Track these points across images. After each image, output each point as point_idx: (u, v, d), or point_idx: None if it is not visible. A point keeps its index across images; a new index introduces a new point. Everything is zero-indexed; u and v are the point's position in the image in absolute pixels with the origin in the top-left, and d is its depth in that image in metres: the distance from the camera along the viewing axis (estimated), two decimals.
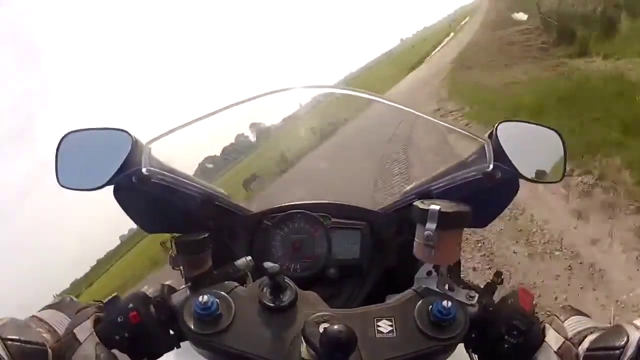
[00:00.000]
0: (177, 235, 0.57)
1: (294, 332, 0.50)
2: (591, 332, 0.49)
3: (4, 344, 0.44)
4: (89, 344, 0.50)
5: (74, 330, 0.51)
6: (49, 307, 0.55)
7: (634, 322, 0.46)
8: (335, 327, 0.46)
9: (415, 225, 0.56)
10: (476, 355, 0.56)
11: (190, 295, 0.54)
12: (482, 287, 0.56)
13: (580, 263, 2.85)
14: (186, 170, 0.74)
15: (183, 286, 0.57)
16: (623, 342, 0.44)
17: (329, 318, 0.50)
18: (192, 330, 0.51)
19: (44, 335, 0.49)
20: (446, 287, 0.55)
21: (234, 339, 0.50)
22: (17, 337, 0.45)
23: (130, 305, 0.53)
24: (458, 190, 0.68)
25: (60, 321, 0.53)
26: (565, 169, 0.74)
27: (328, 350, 0.45)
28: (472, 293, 0.55)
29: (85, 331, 0.51)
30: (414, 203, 0.57)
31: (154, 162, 0.64)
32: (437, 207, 0.54)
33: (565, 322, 0.52)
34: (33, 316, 0.52)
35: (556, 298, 2.60)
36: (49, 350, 0.47)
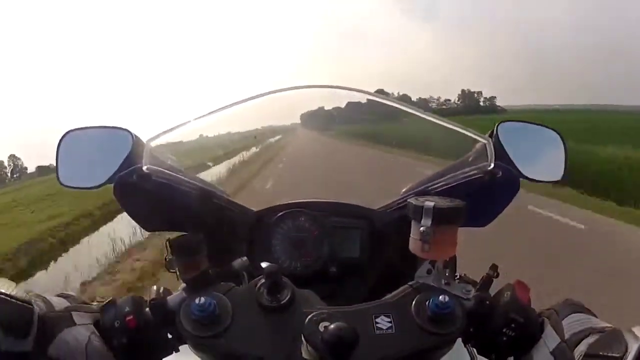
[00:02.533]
0: (171, 238, 0.56)
1: (293, 331, 0.50)
2: (589, 334, 0.49)
3: None
4: (84, 329, 0.48)
5: (72, 312, 0.49)
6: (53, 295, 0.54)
7: (633, 329, 0.45)
8: (337, 325, 0.46)
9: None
10: (474, 349, 0.56)
11: (187, 297, 0.53)
12: (478, 280, 0.56)
13: None
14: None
15: (179, 288, 0.56)
16: (621, 352, 0.43)
17: (328, 316, 0.49)
18: (190, 333, 0.50)
19: (39, 303, 0.47)
20: (442, 282, 0.55)
21: (233, 340, 0.50)
22: (4, 292, 0.43)
23: (127, 309, 0.52)
24: (458, 189, 0.67)
25: (60, 303, 0.51)
26: (566, 167, 0.74)
27: (330, 349, 0.45)
28: (469, 287, 0.55)
29: (84, 319, 0.49)
30: (409, 200, 0.57)
31: (155, 161, 0.64)
32: (431, 203, 0.54)
33: (564, 320, 0.52)
34: (34, 292, 0.50)
35: None
36: (36, 310, 0.45)
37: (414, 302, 0.53)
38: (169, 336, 0.54)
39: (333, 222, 0.81)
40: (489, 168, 0.64)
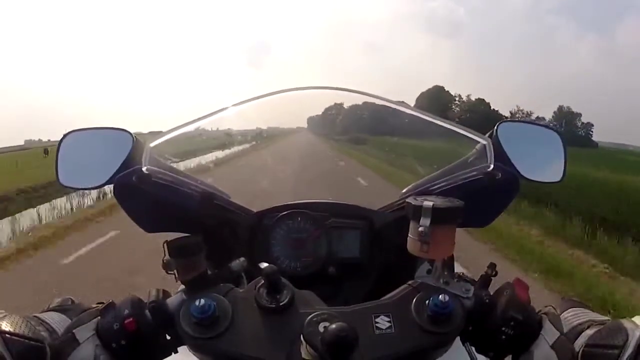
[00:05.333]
0: (169, 239, 0.56)
1: (293, 332, 0.50)
2: (588, 327, 0.49)
3: (3, 338, 0.43)
4: (88, 345, 0.49)
5: (74, 331, 0.50)
6: (50, 309, 0.55)
7: (634, 319, 0.45)
8: (337, 325, 0.46)
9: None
10: (473, 348, 0.56)
11: (186, 299, 0.53)
12: (476, 279, 0.56)
13: None
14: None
15: (178, 290, 0.56)
16: (622, 341, 0.44)
17: (328, 317, 0.49)
18: (190, 335, 0.50)
19: (43, 333, 0.48)
20: (441, 281, 0.55)
21: (233, 341, 0.50)
22: (15, 332, 0.44)
23: (126, 311, 0.51)
24: (458, 190, 0.68)
25: (60, 322, 0.52)
26: (565, 168, 0.74)
27: (330, 350, 0.45)
28: (468, 286, 0.55)
29: (85, 332, 0.50)
30: (407, 200, 0.57)
31: (155, 162, 0.64)
32: (430, 203, 0.54)
33: (562, 314, 0.52)
34: (33, 316, 0.51)
35: None
36: (47, 348, 0.46)
37: (413, 302, 0.53)
38: (168, 337, 0.54)
39: (333, 222, 0.81)
40: (489, 169, 0.65)
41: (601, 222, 7.29)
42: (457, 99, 67.48)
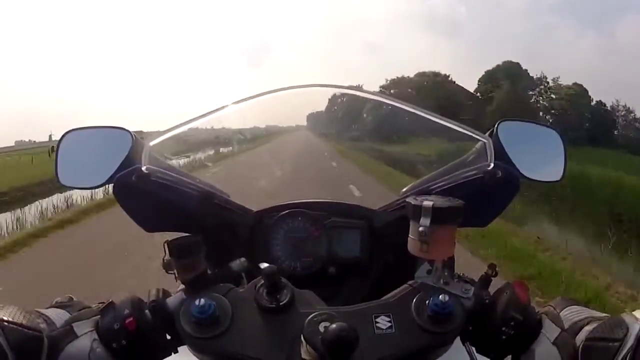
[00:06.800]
0: (169, 239, 0.56)
1: (293, 332, 0.50)
2: (588, 322, 0.49)
3: (1, 327, 0.44)
4: (85, 338, 0.50)
5: (72, 325, 0.50)
6: (51, 306, 0.55)
7: (634, 313, 0.46)
8: (337, 325, 0.46)
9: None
10: (473, 348, 0.57)
11: (186, 298, 0.53)
12: (476, 280, 0.56)
13: None
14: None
15: (178, 290, 0.56)
16: (622, 334, 0.44)
17: (328, 317, 0.49)
18: (190, 334, 0.50)
19: (41, 325, 0.48)
20: (442, 281, 0.55)
21: (233, 341, 0.50)
22: (14, 321, 0.45)
23: (126, 311, 0.51)
24: (458, 189, 0.68)
25: (60, 316, 0.53)
26: (565, 167, 0.74)
27: (331, 350, 0.45)
28: (468, 286, 0.55)
29: (84, 327, 0.51)
30: (407, 199, 0.57)
31: (154, 161, 0.64)
32: (430, 203, 0.54)
33: (562, 312, 0.53)
34: (34, 310, 0.51)
35: None
36: (45, 338, 0.47)
37: (414, 302, 0.53)
38: (168, 337, 0.54)
39: (333, 222, 0.81)
40: (489, 168, 0.65)
41: None
42: (541, 82, 44.50)
